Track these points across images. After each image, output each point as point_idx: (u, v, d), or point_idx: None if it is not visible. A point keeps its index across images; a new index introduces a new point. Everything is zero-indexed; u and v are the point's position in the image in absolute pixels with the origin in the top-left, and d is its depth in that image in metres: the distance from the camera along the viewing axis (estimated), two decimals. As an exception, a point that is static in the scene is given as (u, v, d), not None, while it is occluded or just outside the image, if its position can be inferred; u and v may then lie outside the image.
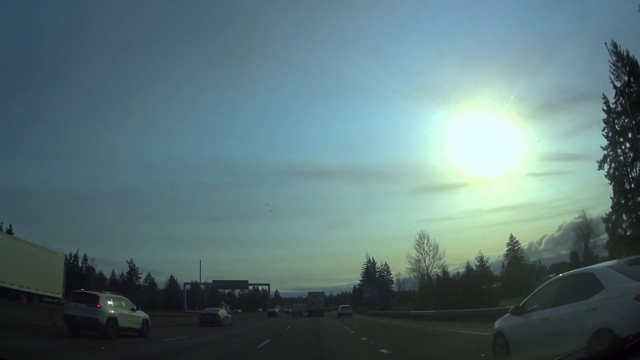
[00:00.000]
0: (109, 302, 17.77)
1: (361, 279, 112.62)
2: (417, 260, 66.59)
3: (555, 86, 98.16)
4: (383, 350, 13.27)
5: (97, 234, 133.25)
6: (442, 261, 63.44)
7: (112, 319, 17.19)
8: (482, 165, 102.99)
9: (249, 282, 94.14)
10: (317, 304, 68.61)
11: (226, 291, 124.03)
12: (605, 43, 32.28)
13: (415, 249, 66.75)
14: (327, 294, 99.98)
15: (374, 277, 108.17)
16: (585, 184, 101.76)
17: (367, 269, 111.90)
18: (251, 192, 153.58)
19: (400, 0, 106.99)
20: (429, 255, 65.60)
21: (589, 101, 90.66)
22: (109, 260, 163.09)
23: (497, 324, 8.88)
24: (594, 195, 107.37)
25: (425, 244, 66.58)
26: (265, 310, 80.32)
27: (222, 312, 37.34)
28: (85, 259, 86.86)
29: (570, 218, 74.16)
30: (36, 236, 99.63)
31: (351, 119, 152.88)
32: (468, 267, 52.34)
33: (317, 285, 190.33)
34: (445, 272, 57.42)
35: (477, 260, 54.90)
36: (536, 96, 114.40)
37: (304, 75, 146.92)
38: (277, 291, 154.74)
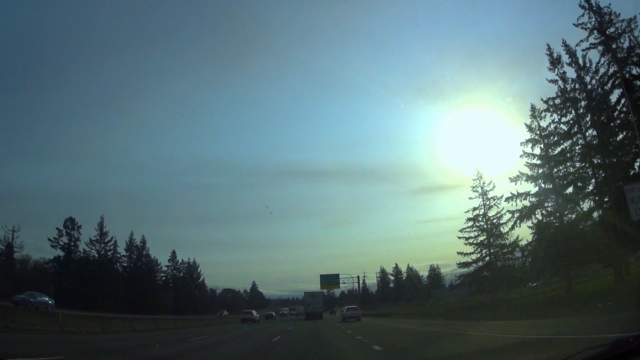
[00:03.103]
0: (254, 311, 61.36)
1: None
2: None
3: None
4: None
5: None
6: None
7: (257, 317, 60.07)
8: (482, 166, 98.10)
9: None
10: (314, 306, 60.84)
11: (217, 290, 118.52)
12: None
13: None
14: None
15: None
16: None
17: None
18: (250, 193, 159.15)
19: (401, 1, 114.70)
20: None
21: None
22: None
23: None
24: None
25: None
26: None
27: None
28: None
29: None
30: (31, 237, 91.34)
31: (351, 119, 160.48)
32: None
33: (315, 286, 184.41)
34: None
35: None
36: (537, 95, 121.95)
37: (303, 75, 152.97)
38: (255, 287, 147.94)
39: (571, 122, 32.85)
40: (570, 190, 33.16)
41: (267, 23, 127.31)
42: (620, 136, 29.77)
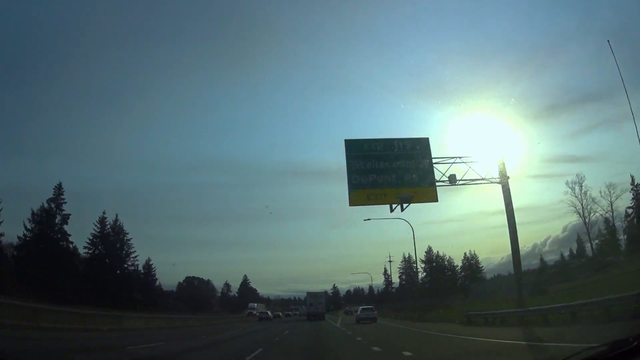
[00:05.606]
0: (268, 311, 79.03)
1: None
2: None
3: (560, 86, 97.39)
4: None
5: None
6: None
7: (271, 315, 76.96)
8: (483, 167, 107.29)
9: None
10: (316, 306, 60.93)
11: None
12: (608, 41, 28.51)
13: None
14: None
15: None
16: (588, 187, 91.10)
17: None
18: (250, 192, 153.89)
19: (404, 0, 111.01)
20: None
21: (594, 102, 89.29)
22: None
23: None
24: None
25: None
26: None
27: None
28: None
29: (575, 218, 70.10)
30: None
31: (352, 118, 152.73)
32: None
33: (318, 286, 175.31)
34: None
35: None
36: (540, 96, 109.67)
37: (305, 73, 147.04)
38: (247, 282, 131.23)
39: None
40: None
41: (269, 20, 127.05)
42: None
